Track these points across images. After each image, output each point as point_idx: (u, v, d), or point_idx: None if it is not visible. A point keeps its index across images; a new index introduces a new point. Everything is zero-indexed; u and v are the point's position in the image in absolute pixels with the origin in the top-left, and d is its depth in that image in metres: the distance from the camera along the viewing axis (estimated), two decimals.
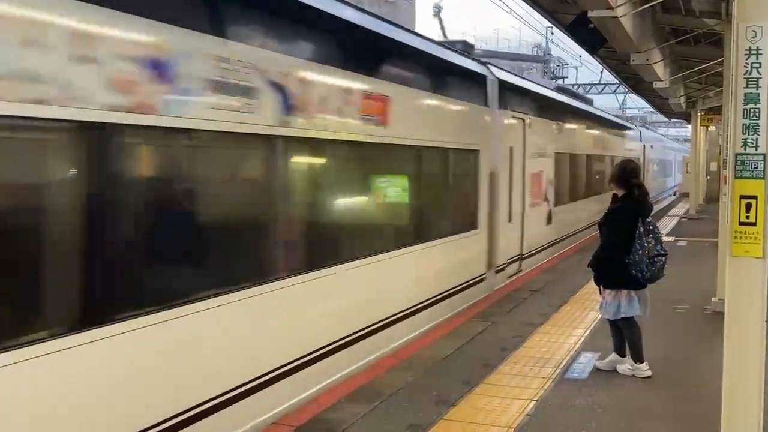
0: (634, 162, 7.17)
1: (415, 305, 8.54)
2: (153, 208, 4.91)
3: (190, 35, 4.96)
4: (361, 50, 7.61)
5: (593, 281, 6.99)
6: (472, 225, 10.42)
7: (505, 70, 13.18)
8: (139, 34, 4.51)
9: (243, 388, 5.47)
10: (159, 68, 4.63)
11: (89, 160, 4.20)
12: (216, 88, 5.13)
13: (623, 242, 6.47)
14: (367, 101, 7.31)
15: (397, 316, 8.07)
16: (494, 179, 11.11)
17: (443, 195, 9.66)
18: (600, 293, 6.91)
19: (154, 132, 4.69)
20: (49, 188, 4.21)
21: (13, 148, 3.99)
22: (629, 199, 6.65)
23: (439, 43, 11.22)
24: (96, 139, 4.21)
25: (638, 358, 6.73)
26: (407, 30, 9.48)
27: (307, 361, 6.29)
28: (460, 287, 9.91)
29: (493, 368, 6.88)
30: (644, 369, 6.69)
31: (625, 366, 6.77)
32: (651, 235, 6.54)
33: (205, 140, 5.25)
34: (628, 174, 6.74)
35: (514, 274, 12.36)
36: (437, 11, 22.51)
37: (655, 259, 6.52)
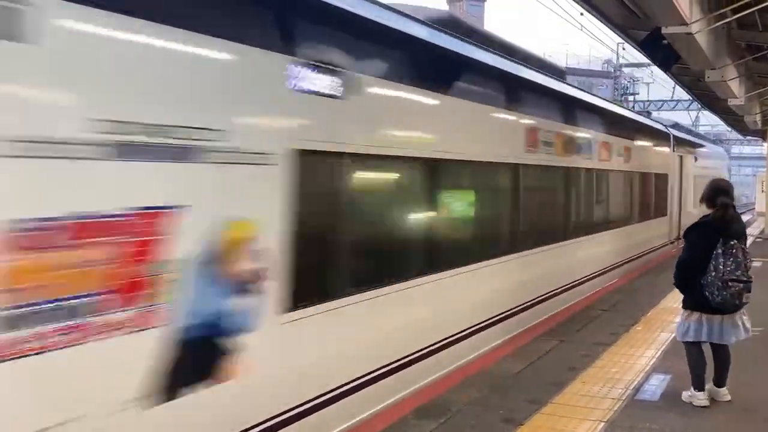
0: (726, 180, 6.91)
1: (642, 253, 16.82)
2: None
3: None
4: (634, 132, 16.17)
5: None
6: (664, 213, 19.24)
7: (675, 128, 23.35)
8: None
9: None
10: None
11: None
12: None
13: (696, 260, 6.24)
14: (630, 152, 15.15)
15: (626, 260, 15.32)
16: (672, 189, 19.93)
17: (658, 196, 18.37)
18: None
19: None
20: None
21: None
22: (713, 218, 6.35)
23: (644, 116, 21.65)
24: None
25: (697, 386, 6.44)
26: (641, 114, 22.16)
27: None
28: (660, 246, 19.04)
29: (562, 387, 6.78)
30: (701, 398, 6.37)
31: (687, 392, 6.52)
32: (731, 258, 6.17)
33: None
34: (715, 192, 6.43)
35: None
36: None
37: (730, 284, 6.13)
